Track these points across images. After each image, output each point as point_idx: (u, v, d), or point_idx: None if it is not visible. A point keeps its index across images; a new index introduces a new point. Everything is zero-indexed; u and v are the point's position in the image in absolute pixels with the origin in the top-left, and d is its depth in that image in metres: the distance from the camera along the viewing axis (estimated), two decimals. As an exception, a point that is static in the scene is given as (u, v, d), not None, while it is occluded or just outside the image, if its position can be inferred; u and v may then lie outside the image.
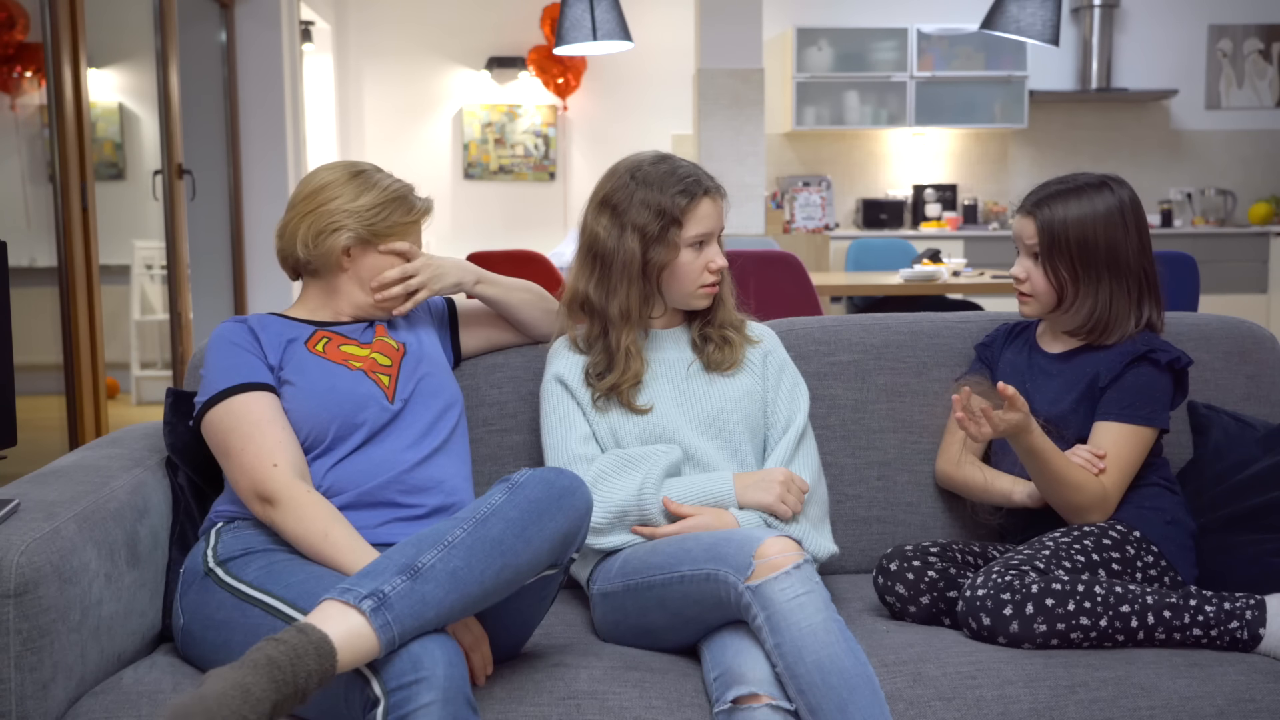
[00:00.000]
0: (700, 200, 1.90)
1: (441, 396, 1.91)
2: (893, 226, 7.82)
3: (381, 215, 1.91)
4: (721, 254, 1.95)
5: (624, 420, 1.92)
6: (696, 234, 1.90)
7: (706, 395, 1.94)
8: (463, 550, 1.48)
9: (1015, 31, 4.25)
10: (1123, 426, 1.90)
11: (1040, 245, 1.95)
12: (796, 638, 1.53)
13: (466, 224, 8.35)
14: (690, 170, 1.92)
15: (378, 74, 8.24)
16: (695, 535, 1.73)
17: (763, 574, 1.57)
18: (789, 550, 1.59)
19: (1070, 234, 1.93)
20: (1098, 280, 1.94)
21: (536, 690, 1.60)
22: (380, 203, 1.92)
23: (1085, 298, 1.95)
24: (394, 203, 1.93)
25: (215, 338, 1.86)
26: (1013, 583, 1.70)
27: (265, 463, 1.70)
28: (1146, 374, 1.92)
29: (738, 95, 6.33)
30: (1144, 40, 8.06)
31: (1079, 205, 1.93)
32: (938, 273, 4.73)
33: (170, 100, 5.40)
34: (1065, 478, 1.85)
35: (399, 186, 1.96)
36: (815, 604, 1.56)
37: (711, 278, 1.93)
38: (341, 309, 1.95)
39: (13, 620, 1.47)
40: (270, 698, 1.28)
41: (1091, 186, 1.95)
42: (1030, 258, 1.99)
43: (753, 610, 1.57)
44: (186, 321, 5.54)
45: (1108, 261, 1.94)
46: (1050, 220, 1.94)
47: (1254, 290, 7.59)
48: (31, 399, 4.41)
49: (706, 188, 1.91)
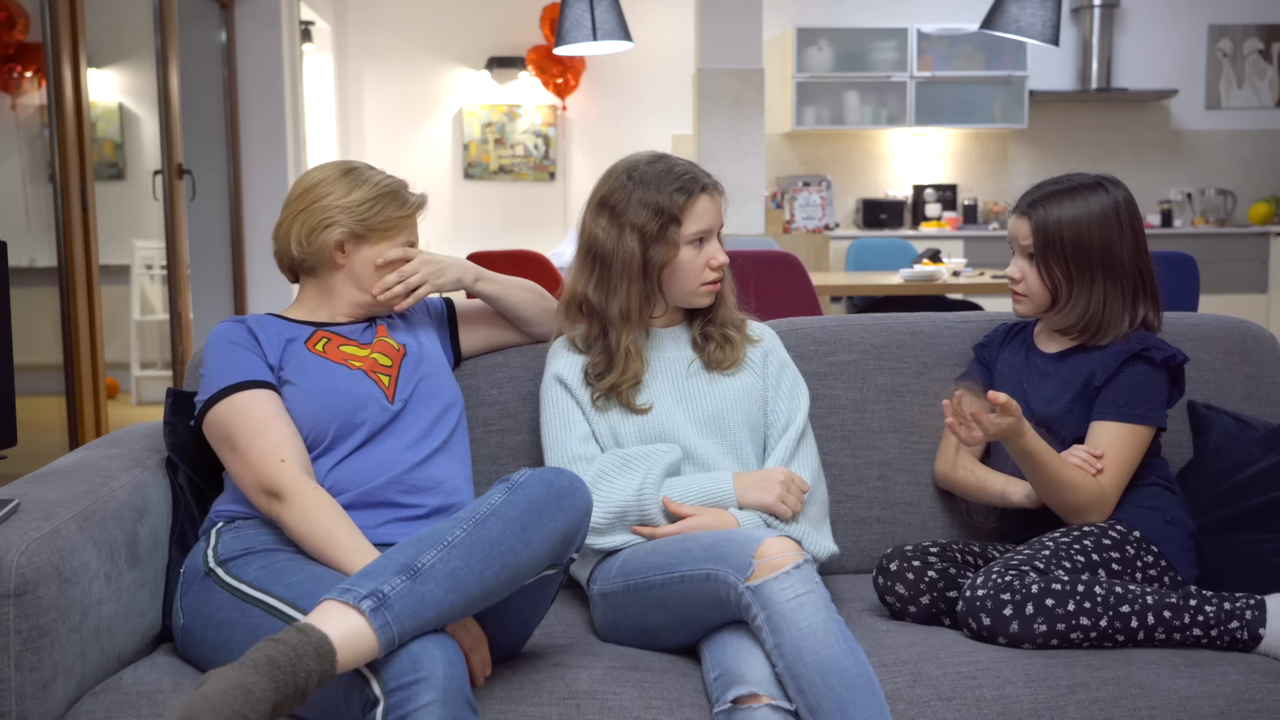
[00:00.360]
0: (698, 197, 1.90)
1: (441, 397, 1.91)
2: (893, 226, 7.82)
3: (374, 210, 1.92)
4: (722, 251, 1.95)
5: (624, 420, 1.92)
6: (695, 231, 1.90)
7: (707, 394, 1.94)
8: (462, 550, 1.48)
9: (1015, 31, 4.25)
10: (1120, 425, 1.90)
11: (1035, 245, 1.96)
12: (796, 638, 1.53)
13: (466, 224, 8.35)
14: (687, 168, 1.93)
15: (378, 74, 8.24)
16: (695, 535, 1.73)
17: (763, 574, 1.57)
18: (789, 550, 1.59)
19: (1065, 234, 1.93)
20: (1091, 280, 1.94)
21: (536, 690, 1.60)
22: (372, 197, 1.92)
23: (1079, 297, 1.95)
24: (386, 197, 1.93)
25: (214, 337, 1.86)
26: (1013, 583, 1.70)
27: (273, 458, 1.70)
28: (1142, 372, 1.92)
29: (738, 95, 6.33)
30: (1144, 40, 8.06)
31: (1073, 206, 1.94)
32: (938, 273, 4.73)
33: (170, 100, 5.40)
34: (1061, 479, 1.85)
35: (390, 182, 1.96)
36: (815, 604, 1.56)
37: (713, 275, 1.94)
38: (339, 309, 1.95)
39: (13, 620, 1.47)
40: (270, 698, 1.28)
41: (1086, 187, 1.96)
42: (1025, 258, 1.99)
43: (753, 610, 1.57)
44: (186, 321, 5.54)
45: (1102, 262, 1.94)
46: (1045, 221, 1.94)
47: (1254, 290, 7.59)
48: (31, 399, 4.41)
49: (704, 184, 1.91)
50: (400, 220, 1.95)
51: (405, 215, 1.96)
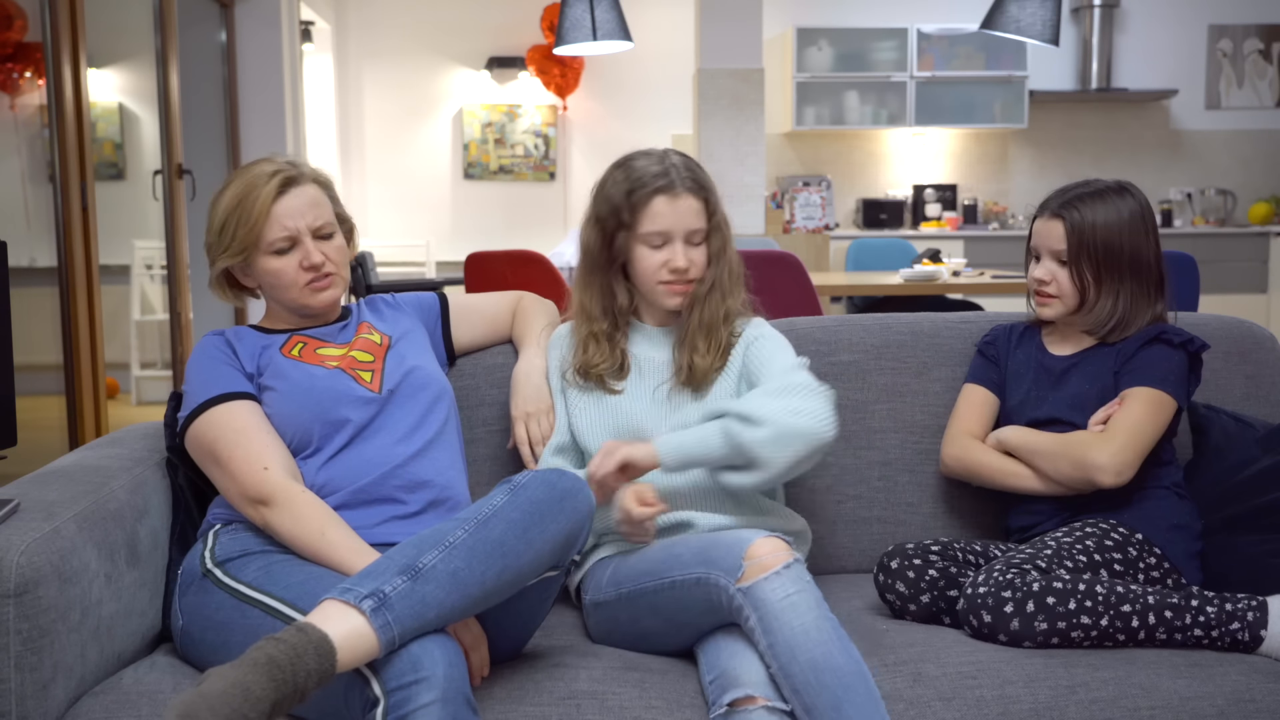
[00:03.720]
0: (653, 198, 1.86)
1: (430, 389, 1.90)
2: (893, 226, 7.82)
3: (229, 238, 1.82)
4: (684, 256, 1.88)
5: (601, 415, 1.93)
6: (651, 231, 1.87)
7: (687, 403, 1.92)
8: (464, 551, 1.48)
9: (1015, 31, 4.25)
10: (1139, 390, 1.92)
11: (1069, 248, 1.97)
12: (789, 637, 1.53)
13: (466, 224, 8.35)
14: (659, 169, 1.88)
15: (378, 74, 8.24)
16: (684, 540, 1.72)
17: (753, 575, 1.57)
18: (779, 550, 1.59)
19: (1099, 237, 1.96)
20: (1120, 282, 1.98)
21: (536, 690, 1.60)
22: (222, 226, 1.82)
23: (1107, 298, 1.98)
24: (229, 221, 1.81)
25: (194, 354, 1.86)
26: (1014, 581, 1.70)
27: (256, 467, 1.70)
28: (1161, 351, 1.95)
29: (738, 95, 6.33)
30: (1144, 40, 8.06)
31: (1105, 210, 1.97)
32: (938, 273, 4.73)
33: (170, 100, 5.40)
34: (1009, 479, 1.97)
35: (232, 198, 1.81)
36: (807, 603, 1.55)
37: (670, 276, 1.89)
38: (292, 319, 1.93)
39: (13, 620, 1.47)
40: (270, 697, 1.28)
41: (1113, 191, 1.99)
42: (1055, 261, 2.00)
43: (744, 612, 1.57)
44: (186, 321, 5.54)
45: (1130, 264, 1.97)
46: (1080, 224, 1.97)
47: (1254, 290, 7.59)
48: (31, 399, 4.41)
49: (659, 186, 1.86)
50: (253, 230, 1.80)
51: (255, 223, 1.80)
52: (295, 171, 1.86)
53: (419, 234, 8.31)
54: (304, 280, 1.84)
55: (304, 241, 1.84)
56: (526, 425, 1.97)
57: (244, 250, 1.82)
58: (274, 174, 1.83)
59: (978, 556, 1.91)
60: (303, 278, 1.84)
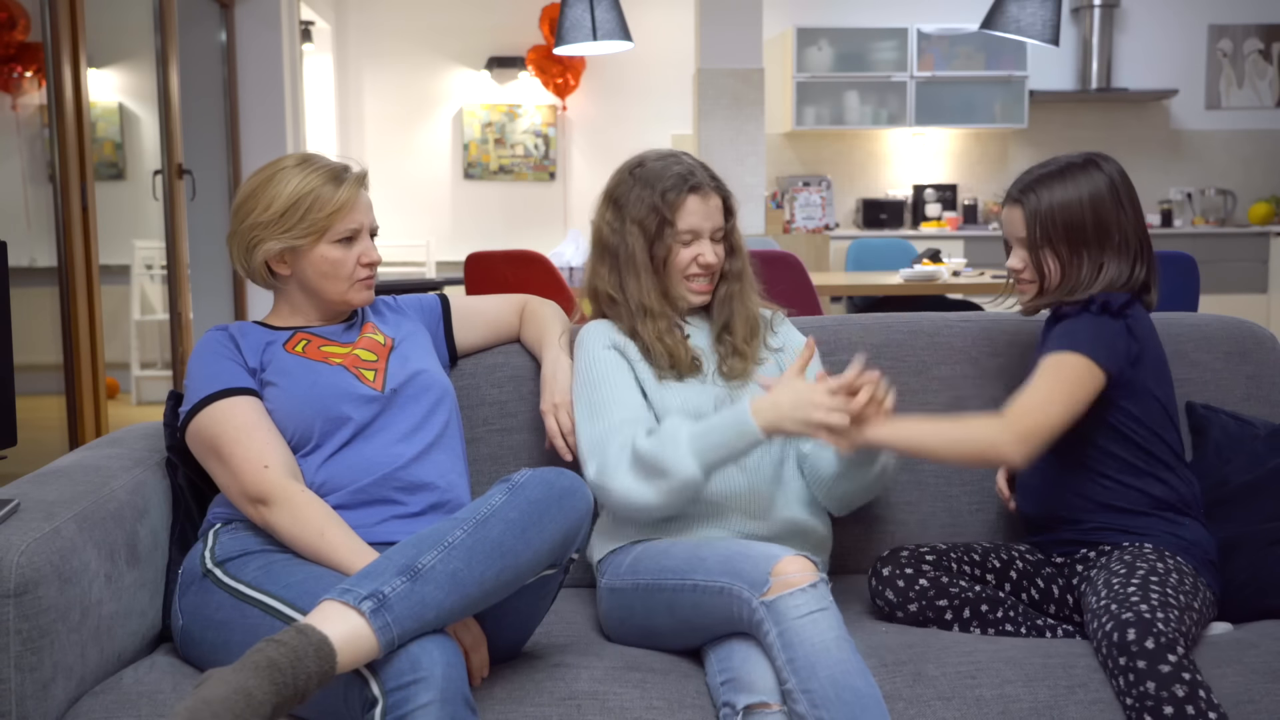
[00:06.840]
0: (685, 196, 1.90)
1: (433, 390, 1.90)
2: (893, 226, 7.81)
3: (296, 217, 1.82)
4: (713, 252, 1.93)
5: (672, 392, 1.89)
6: (683, 229, 1.91)
7: (740, 388, 1.94)
8: (463, 551, 1.48)
9: (1015, 31, 4.25)
10: (1046, 357, 1.84)
11: (1028, 234, 1.92)
12: (810, 653, 1.53)
13: (466, 224, 8.35)
14: (685, 168, 1.92)
15: (378, 74, 8.24)
16: (710, 544, 1.72)
17: (778, 590, 1.57)
18: (806, 570, 1.59)
19: (1057, 217, 1.90)
20: (1100, 253, 1.90)
21: (537, 690, 1.60)
22: (291, 204, 1.82)
23: (1089, 274, 1.90)
24: (307, 198, 1.82)
25: (197, 348, 1.85)
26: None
27: (256, 464, 1.70)
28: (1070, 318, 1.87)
29: (738, 95, 6.33)
30: (1144, 40, 8.06)
31: (1064, 188, 1.91)
32: (938, 273, 4.73)
33: (170, 100, 5.40)
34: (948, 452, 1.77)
35: (311, 180, 1.83)
36: (829, 621, 1.56)
37: (698, 271, 1.93)
38: (310, 314, 1.93)
39: (13, 620, 1.47)
40: (271, 700, 1.28)
41: (1076, 166, 1.93)
42: (1024, 247, 1.96)
43: (765, 626, 1.57)
44: (186, 321, 5.54)
45: (1098, 238, 1.89)
46: (1037, 206, 1.91)
47: (1254, 290, 7.58)
48: (31, 399, 4.41)
49: (691, 185, 1.90)
50: (331, 216, 1.83)
51: (335, 210, 1.83)
52: (364, 171, 1.92)
53: (419, 234, 8.32)
54: (360, 275, 1.89)
55: (366, 238, 1.89)
56: (556, 417, 1.97)
57: (309, 234, 1.83)
58: (346, 168, 1.88)
59: (975, 566, 1.88)
60: (360, 272, 1.89)
